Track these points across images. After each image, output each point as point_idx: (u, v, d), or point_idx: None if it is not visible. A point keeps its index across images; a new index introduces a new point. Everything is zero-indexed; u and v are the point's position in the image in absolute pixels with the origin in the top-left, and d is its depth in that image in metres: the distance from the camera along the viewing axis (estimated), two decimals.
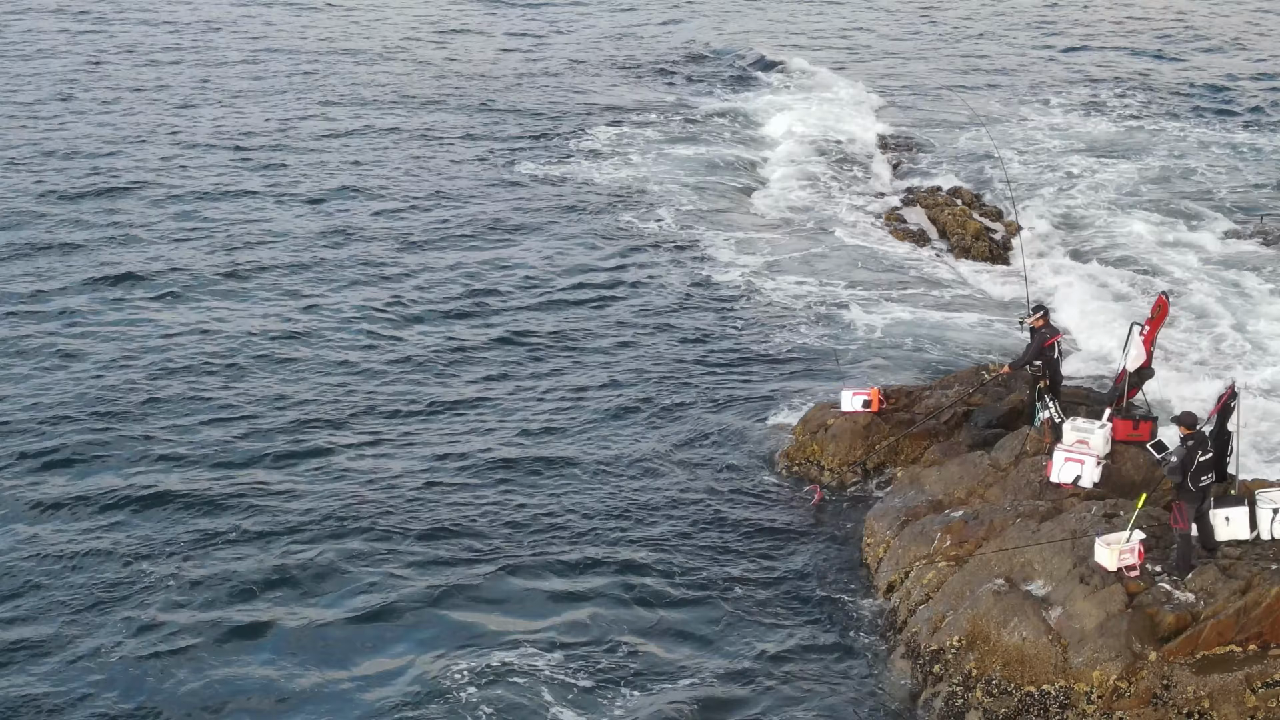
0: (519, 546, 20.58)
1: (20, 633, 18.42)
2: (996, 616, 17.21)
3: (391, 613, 19.00)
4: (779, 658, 18.14)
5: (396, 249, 33.17)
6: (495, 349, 27.72)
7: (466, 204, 36.44)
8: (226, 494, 21.85)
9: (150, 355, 26.91)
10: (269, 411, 24.77)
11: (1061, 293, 29.99)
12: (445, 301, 30.15)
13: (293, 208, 36.04)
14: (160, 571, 19.80)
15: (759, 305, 30.00)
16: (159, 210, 35.55)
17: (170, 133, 42.71)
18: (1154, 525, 17.92)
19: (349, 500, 21.73)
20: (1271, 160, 40.83)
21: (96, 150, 40.47)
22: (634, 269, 32.17)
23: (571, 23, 62.61)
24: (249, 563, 20.01)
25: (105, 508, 21.48)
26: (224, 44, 56.44)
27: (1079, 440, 19.97)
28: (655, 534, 21.02)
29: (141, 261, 31.89)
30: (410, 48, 56.19)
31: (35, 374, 26.05)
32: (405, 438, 23.93)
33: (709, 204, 36.69)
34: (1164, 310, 21.77)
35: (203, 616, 18.82)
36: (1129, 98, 48.37)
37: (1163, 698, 15.86)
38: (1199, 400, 23.37)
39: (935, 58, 55.41)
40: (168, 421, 24.30)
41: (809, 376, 26.37)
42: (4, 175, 37.95)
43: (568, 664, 17.86)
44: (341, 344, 27.81)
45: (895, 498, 20.80)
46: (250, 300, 29.89)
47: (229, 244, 33.16)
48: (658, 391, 25.83)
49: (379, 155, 40.71)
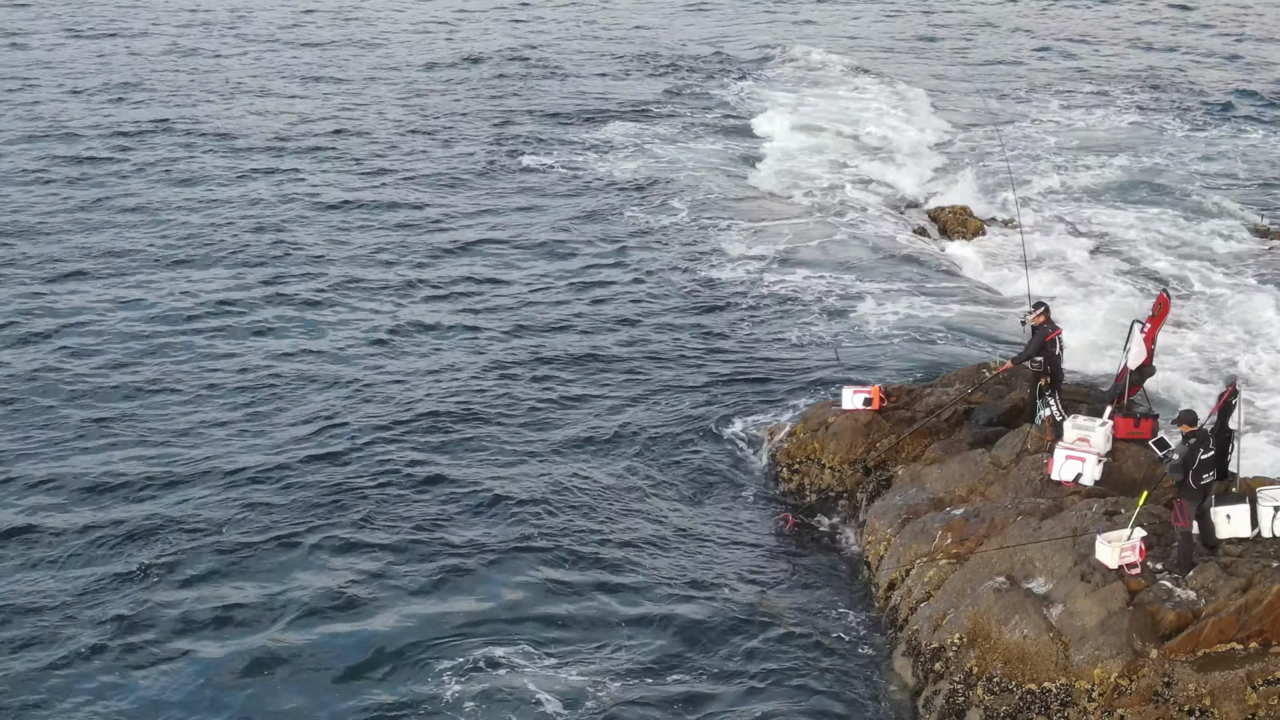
0: (515, 540, 20.59)
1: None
2: (997, 614, 17.20)
3: (374, 606, 19.00)
4: (778, 655, 18.12)
5: (401, 243, 33.20)
6: (491, 342, 27.72)
7: (474, 196, 36.54)
8: (207, 486, 21.95)
9: (135, 344, 27.12)
10: (261, 399, 24.87)
11: (1063, 290, 29.95)
12: (447, 289, 30.27)
13: (296, 200, 36.12)
14: (143, 560, 19.90)
15: (760, 302, 29.99)
16: (166, 197, 35.68)
17: (179, 125, 42.78)
18: (1155, 523, 17.90)
19: (337, 493, 21.78)
20: (1274, 157, 40.80)
21: (88, 137, 40.58)
22: (636, 263, 32.24)
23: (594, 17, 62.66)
24: (231, 556, 20.07)
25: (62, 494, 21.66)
26: (225, 42, 56.43)
27: (1080, 438, 19.95)
28: (650, 530, 21.00)
29: (141, 254, 31.99)
30: (418, 41, 56.21)
31: (37, 368, 26.15)
32: (398, 426, 23.95)
33: (716, 198, 36.69)
34: (1165, 308, 21.75)
35: (183, 609, 18.87)
36: (1133, 95, 48.36)
37: (1164, 695, 15.85)
38: (1201, 399, 23.38)
39: (944, 55, 55.39)
40: (141, 408, 24.44)
41: (810, 374, 26.36)
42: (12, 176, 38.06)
43: (563, 660, 17.87)
44: (338, 336, 27.84)
45: (896, 495, 20.78)
46: (249, 295, 29.97)
47: (227, 240, 33.26)
48: (656, 387, 25.82)
49: (384, 151, 40.74)
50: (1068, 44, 58.09)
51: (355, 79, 49.08)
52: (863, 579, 19.89)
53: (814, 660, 18.05)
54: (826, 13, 65.25)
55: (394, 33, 58.57)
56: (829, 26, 62.21)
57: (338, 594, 19.21)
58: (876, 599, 19.27)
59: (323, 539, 20.45)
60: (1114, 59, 54.90)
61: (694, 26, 61.23)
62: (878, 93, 48.63)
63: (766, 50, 55.24)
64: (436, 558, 20.12)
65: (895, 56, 55.53)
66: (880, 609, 19.04)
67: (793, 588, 19.68)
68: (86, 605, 18.87)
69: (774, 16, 64.01)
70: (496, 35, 57.97)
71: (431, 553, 20.25)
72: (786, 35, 58.91)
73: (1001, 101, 47.47)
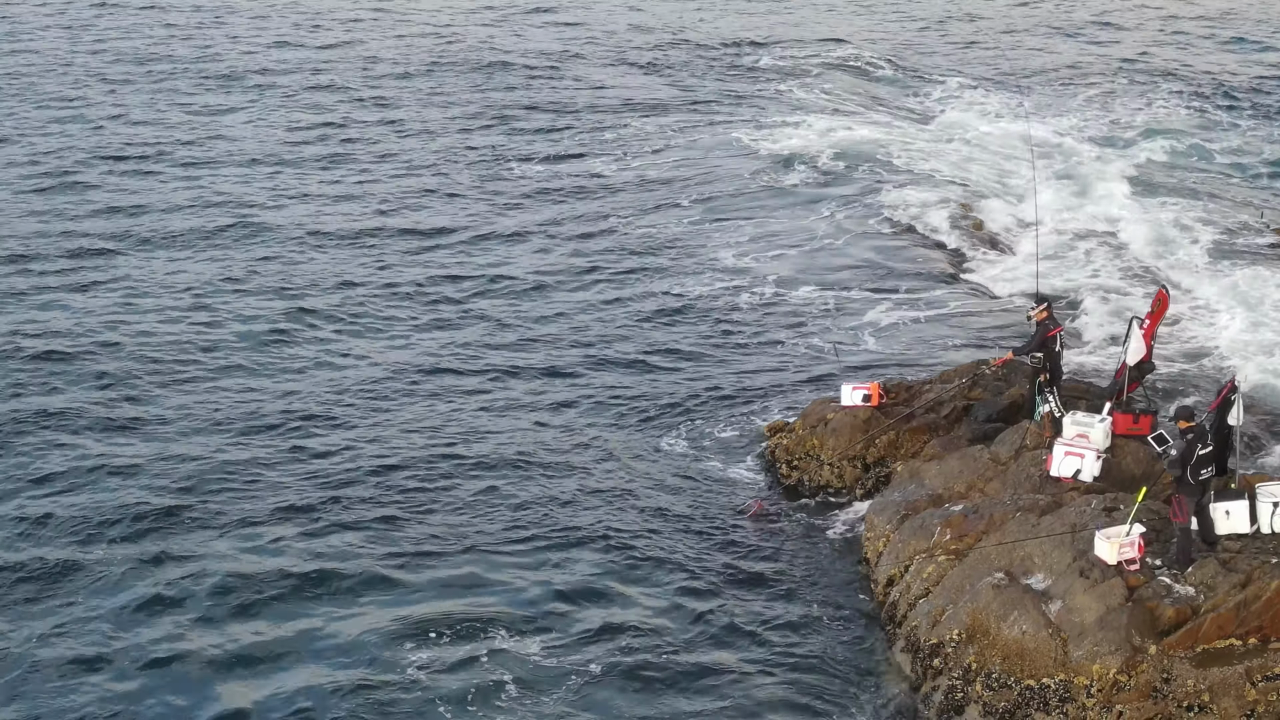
0: (508, 536, 20.65)
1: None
2: (996, 610, 17.21)
3: (358, 596, 19.13)
4: (775, 652, 18.13)
5: (399, 243, 33.19)
6: (487, 342, 27.65)
7: (474, 198, 36.45)
8: (193, 479, 22.08)
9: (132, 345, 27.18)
10: (246, 396, 24.96)
11: (1066, 287, 29.95)
12: (445, 290, 30.22)
13: (299, 200, 36.14)
14: (127, 554, 20.03)
15: (761, 298, 29.98)
16: (168, 193, 35.69)
17: (185, 130, 42.79)
18: (1154, 519, 17.91)
19: (328, 489, 21.87)
20: (1275, 154, 40.65)
21: (94, 144, 40.58)
22: (639, 259, 32.24)
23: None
24: (214, 546, 20.19)
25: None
26: (230, 41, 56.39)
27: (1079, 434, 19.97)
28: (648, 526, 21.00)
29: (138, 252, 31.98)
30: (424, 43, 56.16)
31: (39, 369, 26.19)
32: (397, 428, 23.99)
33: (719, 198, 36.64)
34: (1164, 304, 21.77)
35: (165, 594, 19.09)
36: (1141, 90, 48.15)
37: (1162, 691, 15.86)
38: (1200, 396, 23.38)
39: (952, 53, 55.23)
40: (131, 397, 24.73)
41: (808, 370, 26.35)
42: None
43: (558, 658, 17.89)
44: (329, 335, 27.87)
45: (895, 492, 20.79)
46: (247, 295, 30.00)
47: (227, 240, 33.29)
48: (653, 385, 25.81)
49: (385, 153, 40.72)
50: (1083, 35, 57.84)
51: (362, 84, 49.06)
52: (862, 575, 19.89)
53: (812, 656, 18.05)
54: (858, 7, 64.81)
55: (394, 35, 58.48)
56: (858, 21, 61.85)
57: (323, 588, 19.31)
58: (875, 595, 19.27)
59: (315, 542, 20.51)
60: (1125, 51, 54.60)
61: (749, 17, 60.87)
62: (888, 89, 48.44)
63: (771, 46, 55.16)
64: (425, 554, 20.16)
65: (912, 50, 55.02)
66: (879, 605, 19.04)
67: (790, 584, 19.67)
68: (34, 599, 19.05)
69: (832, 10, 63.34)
70: (523, 36, 57.89)
71: (420, 549, 20.30)
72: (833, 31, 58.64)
73: (1009, 95, 47.23)
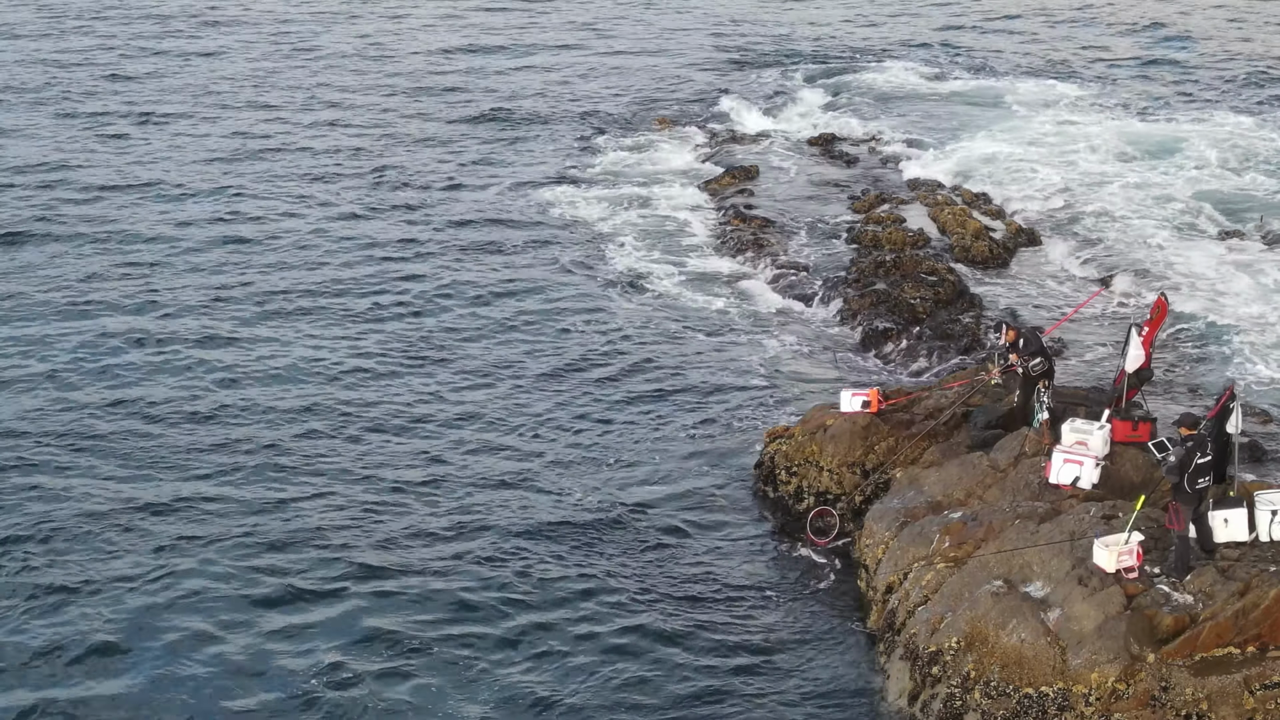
0: (496, 544, 20.64)
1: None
2: (995, 618, 17.20)
3: (330, 606, 19.15)
4: (774, 659, 18.13)
5: (400, 260, 33.08)
6: (474, 356, 27.53)
7: (475, 215, 36.44)
8: (164, 501, 21.98)
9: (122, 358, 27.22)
10: (225, 413, 24.83)
11: (1066, 294, 29.95)
12: (438, 304, 30.19)
13: (303, 210, 36.16)
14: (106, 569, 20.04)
15: (760, 304, 30.01)
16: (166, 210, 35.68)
17: (188, 138, 42.83)
18: (1153, 527, 17.91)
19: (305, 497, 21.96)
20: (1274, 155, 40.59)
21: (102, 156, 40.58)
22: (634, 265, 32.25)
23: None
24: (182, 565, 20.18)
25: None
26: (236, 44, 56.43)
27: (1078, 441, 19.95)
28: (645, 537, 21.01)
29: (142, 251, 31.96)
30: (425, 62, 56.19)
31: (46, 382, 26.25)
32: (386, 444, 23.94)
33: (707, 207, 36.66)
34: (1163, 311, 21.75)
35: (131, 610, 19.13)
36: (1131, 90, 48.14)
37: (1161, 699, 15.86)
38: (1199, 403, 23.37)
39: (948, 52, 55.23)
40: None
41: (808, 376, 26.36)
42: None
43: (556, 667, 17.91)
44: (308, 353, 27.66)
45: (894, 498, 20.78)
46: (244, 302, 30.04)
47: (223, 245, 33.32)
48: (652, 390, 25.83)
49: (380, 164, 40.74)
50: (1075, 33, 57.88)
51: (359, 89, 49.08)
52: (860, 582, 19.87)
53: (810, 664, 18.05)
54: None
55: (391, 44, 58.50)
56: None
57: (300, 601, 19.31)
58: (874, 602, 19.27)
59: (304, 548, 20.56)
60: (1120, 48, 54.63)
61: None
62: (889, 87, 48.53)
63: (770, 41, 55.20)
64: (416, 564, 20.14)
65: (914, 48, 54.97)
66: (878, 612, 19.04)
67: (789, 591, 19.67)
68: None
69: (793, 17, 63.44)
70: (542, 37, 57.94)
71: (410, 558, 20.28)
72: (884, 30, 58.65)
73: (1002, 95, 47.24)
